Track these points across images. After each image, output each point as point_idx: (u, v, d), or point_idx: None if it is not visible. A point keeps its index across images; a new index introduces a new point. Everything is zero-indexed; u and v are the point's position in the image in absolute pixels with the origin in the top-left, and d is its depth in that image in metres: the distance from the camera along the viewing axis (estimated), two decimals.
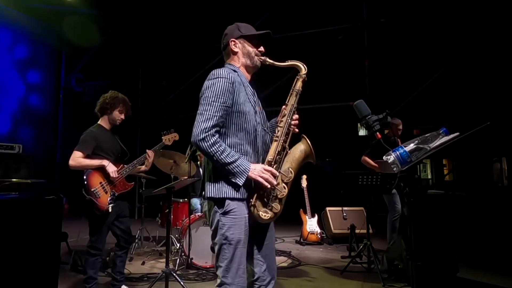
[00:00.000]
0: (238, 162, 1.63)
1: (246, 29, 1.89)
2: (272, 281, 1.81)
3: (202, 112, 1.67)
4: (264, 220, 1.67)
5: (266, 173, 1.65)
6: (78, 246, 4.37)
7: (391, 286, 3.35)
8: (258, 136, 1.78)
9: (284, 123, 1.79)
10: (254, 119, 1.77)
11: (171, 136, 3.33)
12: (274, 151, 1.73)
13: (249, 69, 1.90)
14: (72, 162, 2.80)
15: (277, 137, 1.76)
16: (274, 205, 1.68)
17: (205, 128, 1.63)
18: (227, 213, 1.67)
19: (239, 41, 1.87)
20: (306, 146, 1.80)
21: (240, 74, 1.84)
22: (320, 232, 5.54)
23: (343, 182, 4.02)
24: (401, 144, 1.91)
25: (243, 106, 1.74)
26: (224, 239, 1.65)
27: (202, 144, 1.62)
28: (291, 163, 1.75)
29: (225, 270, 1.65)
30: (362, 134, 6.94)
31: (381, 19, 7.26)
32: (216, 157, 1.62)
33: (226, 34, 1.92)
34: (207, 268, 3.84)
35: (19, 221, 2.29)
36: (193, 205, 4.59)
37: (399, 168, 1.73)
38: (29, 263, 2.30)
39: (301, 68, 1.87)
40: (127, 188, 3.03)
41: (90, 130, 2.96)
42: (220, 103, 1.67)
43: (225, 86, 1.69)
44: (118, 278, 3.02)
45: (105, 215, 2.80)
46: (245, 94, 1.78)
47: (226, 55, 1.94)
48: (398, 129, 4.45)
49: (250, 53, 1.87)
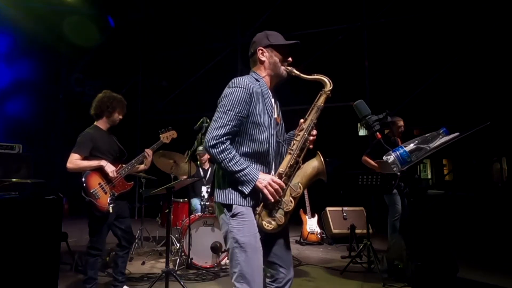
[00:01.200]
0: (246, 171, 1.64)
1: (275, 38, 1.86)
2: (290, 281, 1.80)
3: (217, 119, 1.69)
4: (267, 230, 1.68)
5: (273, 185, 1.65)
6: (78, 247, 4.38)
7: (391, 286, 3.34)
8: (271, 147, 1.77)
9: (300, 138, 1.78)
10: (268, 131, 1.76)
11: (169, 134, 3.32)
12: (287, 164, 1.74)
13: (274, 78, 1.88)
14: (69, 165, 2.79)
15: (291, 150, 1.76)
16: (278, 216, 1.68)
17: (216, 135, 1.65)
18: (236, 215, 1.67)
19: (267, 50, 1.85)
20: (319, 164, 1.78)
21: (262, 84, 1.82)
22: (320, 232, 5.54)
23: (343, 182, 4.02)
24: (401, 144, 1.91)
25: (259, 117, 1.73)
26: (235, 242, 1.65)
27: (212, 150, 1.65)
28: (301, 178, 1.75)
29: (239, 275, 1.61)
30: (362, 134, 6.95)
31: (381, 19, 7.26)
32: (225, 164, 1.64)
33: (255, 42, 1.89)
34: (207, 268, 3.84)
35: (19, 221, 2.29)
36: (193, 206, 4.59)
37: (399, 168, 1.72)
38: (29, 263, 2.30)
39: (327, 84, 1.83)
40: (126, 188, 3.02)
41: (87, 131, 2.94)
42: (235, 113, 1.67)
43: (243, 96, 1.69)
44: (120, 279, 3.01)
45: (105, 215, 2.80)
46: (263, 105, 1.76)
47: (252, 62, 1.91)
48: (399, 126, 4.43)
49: (277, 63, 1.84)
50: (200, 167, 4.99)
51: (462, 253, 4.50)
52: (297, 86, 1.98)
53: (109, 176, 2.86)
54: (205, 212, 4.16)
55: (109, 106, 2.99)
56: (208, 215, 4.06)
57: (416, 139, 1.73)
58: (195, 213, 4.33)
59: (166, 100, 9.26)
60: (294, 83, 1.99)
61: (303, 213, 5.64)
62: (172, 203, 3.91)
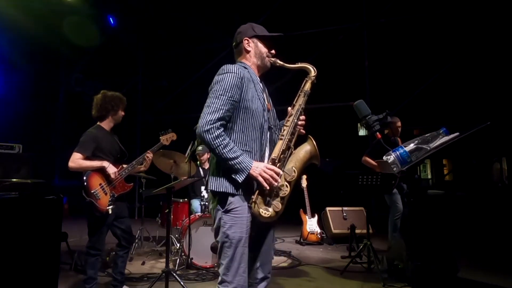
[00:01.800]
0: (240, 158, 1.63)
1: (260, 30, 1.92)
2: (265, 280, 1.81)
3: (209, 104, 1.68)
4: (264, 218, 1.65)
5: (268, 171, 1.63)
6: (78, 247, 4.38)
7: (391, 286, 3.34)
8: (264, 133, 1.78)
9: (290, 123, 1.79)
10: (261, 116, 1.77)
11: (169, 136, 3.33)
12: (279, 149, 1.73)
13: (259, 69, 1.93)
14: (71, 164, 2.79)
15: (282, 136, 1.77)
16: (275, 203, 1.66)
17: (210, 120, 1.64)
18: (229, 211, 1.67)
19: (252, 40, 1.90)
20: (311, 147, 1.79)
21: (251, 71, 1.86)
22: (320, 232, 5.54)
23: (343, 182, 4.02)
24: (401, 144, 1.91)
25: (251, 102, 1.75)
26: (225, 237, 1.66)
27: (206, 135, 1.63)
28: (295, 163, 1.74)
29: (226, 268, 1.66)
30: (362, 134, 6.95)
31: (381, 19, 7.26)
32: (219, 150, 1.62)
33: (240, 32, 1.94)
34: (207, 268, 3.84)
35: (19, 221, 2.28)
36: (193, 206, 4.59)
37: (399, 168, 1.72)
38: (29, 263, 2.29)
39: (311, 70, 1.89)
40: (126, 189, 3.03)
41: (90, 131, 2.94)
42: (227, 97, 1.68)
43: (234, 81, 1.70)
44: (119, 279, 3.02)
45: (104, 216, 2.80)
46: (254, 90, 1.78)
47: (237, 53, 1.96)
48: (397, 126, 4.44)
49: (262, 54, 1.90)
50: (200, 167, 4.98)
51: (462, 253, 4.50)
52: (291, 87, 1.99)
53: (110, 177, 2.86)
54: (205, 212, 4.16)
55: (114, 106, 3.01)
56: (208, 215, 4.06)
57: (416, 139, 1.74)
58: (195, 213, 4.33)
59: (166, 100, 9.26)
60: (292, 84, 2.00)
61: (303, 213, 5.64)
62: (172, 203, 3.92)
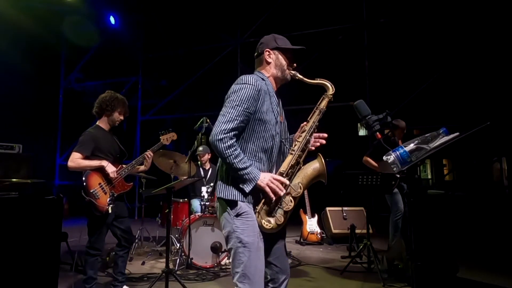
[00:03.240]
0: (248, 169, 1.65)
1: (282, 42, 1.91)
2: (286, 280, 1.81)
3: (225, 113, 1.69)
4: (266, 229, 1.67)
5: (274, 182, 1.66)
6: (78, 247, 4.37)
7: (391, 286, 3.34)
8: (275, 146, 1.79)
9: (302, 139, 1.80)
10: (273, 129, 1.78)
11: (169, 135, 3.33)
12: (288, 163, 1.75)
13: (278, 80, 1.92)
14: (71, 163, 2.80)
15: (293, 150, 1.78)
16: (278, 216, 1.68)
17: (225, 129, 1.65)
18: (240, 215, 1.67)
19: (273, 52, 1.89)
20: (320, 165, 1.79)
21: (268, 83, 1.86)
22: (320, 232, 5.54)
23: (343, 182, 4.01)
24: (401, 144, 1.91)
25: (265, 114, 1.75)
26: (239, 242, 1.64)
27: (219, 144, 1.64)
28: (302, 179, 1.76)
29: (242, 275, 1.62)
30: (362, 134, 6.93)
31: (381, 19, 7.26)
32: (230, 160, 1.64)
33: (262, 43, 1.93)
34: (207, 268, 3.84)
35: (19, 221, 2.28)
36: (193, 206, 4.59)
37: (399, 168, 1.72)
38: (29, 263, 2.30)
39: (329, 88, 1.88)
40: (126, 189, 3.02)
41: (89, 131, 2.95)
42: (243, 108, 1.69)
43: (251, 93, 1.71)
44: (120, 279, 3.02)
45: (104, 215, 2.80)
46: (270, 103, 1.79)
47: (258, 63, 1.95)
48: (403, 132, 4.42)
49: (283, 66, 1.89)
50: (200, 167, 4.99)
51: (462, 253, 4.50)
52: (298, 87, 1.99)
53: (110, 176, 2.87)
54: (205, 212, 4.16)
55: (108, 105, 2.99)
56: (208, 215, 4.06)
57: (416, 139, 1.74)
58: (195, 213, 4.33)
59: (166, 100, 9.26)
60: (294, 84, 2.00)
61: (303, 213, 5.64)
62: (172, 203, 3.92)
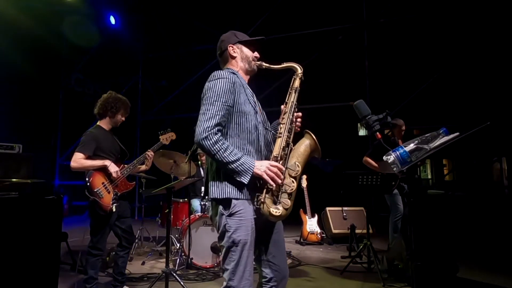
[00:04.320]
0: (242, 160, 1.63)
1: (242, 36, 1.97)
2: (284, 280, 1.82)
3: (205, 111, 1.69)
4: (275, 217, 1.64)
5: (272, 169, 1.63)
6: (78, 247, 4.37)
7: (391, 286, 3.35)
8: (260, 135, 1.79)
9: (286, 120, 1.79)
10: (255, 119, 1.79)
11: (168, 135, 3.34)
12: (279, 147, 1.73)
13: (247, 72, 1.96)
14: (74, 164, 2.80)
15: (280, 133, 1.77)
16: (284, 200, 1.65)
17: (207, 127, 1.64)
18: (233, 214, 1.66)
19: (236, 46, 1.94)
20: (311, 141, 1.79)
21: (240, 76, 1.88)
22: (320, 232, 5.54)
23: (343, 182, 4.01)
24: (401, 144, 1.91)
25: (244, 106, 1.76)
26: (231, 242, 1.65)
27: (205, 142, 1.63)
28: (297, 158, 1.75)
29: (231, 273, 1.64)
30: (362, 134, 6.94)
31: (381, 19, 7.26)
32: (219, 155, 1.62)
33: (223, 40, 1.97)
34: (207, 268, 3.84)
35: (19, 221, 2.29)
36: (193, 206, 4.59)
37: (399, 168, 1.72)
38: (29, 263, 2.30)
39: (297, 68, 1.92)
40: (128, 188, 3.04)
41: (90, 131, 2.96)
42: (221, 102, 1.69)
43: (227, 86, 1.72)
44: (120, 279, 3.02)
45: (108, 215, 2.81)
46: (245, 94, 1.81)
47: (223, 61, 1.98)
48: (402, 130, 4.41)
49: (248, 58, 1.94)
50: (200, 167, 4.99)
51: (462, 253, 4.50)
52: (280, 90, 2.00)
53: (112, 176, 2.87)
54: (205, 212, 4.16)
55: (113, 107, 3.01)
56: (208, 215, 4.06)
57: (416, 139, 1.74)
58: (195, 213, 4.33)
59: (166, 100, 9.26)
60: None
61: (303, 213, 5.64)
62: (172, 203, 3.92)
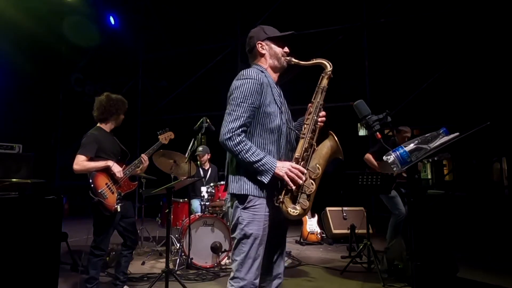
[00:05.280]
0: (264, 160, 1.65)
1: (271, 31, 1.93)
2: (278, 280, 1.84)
3: (231, 112, 1.70)
4: (293, 216, 1.67)
5: (293, 171, 1.65)
6: (78, 247, 4.38)
7: (391, 286, 3.35)
8: (283, 135, 1.80)
9: (310, 120, 1.79)
10: (279, 119, 1.78)
11: (167, 135, 3.35)
12: (301, 148, 1.74)
13: (276, 69, 1.93)
14: (76, 167, 2.80)
15: (303, 134, 1.77)
16: (302, 201, 1.68)
17: (232, 128, 1.66)
18: (248, 208, 1.69)
19: (265, 43, 1.91)
20: (333, 143, 1.79)
21: (268, 75, 1.87)
22: (320, 232, 5.54)
23: (343, 182, 4.02)
24: None
25: (269, 107, 1.76)
26: (242, 234, 1.68)
27: (228, 143, 1.66)
28: (318, 160, 1.76)
29: (239, 264, 1.68)
30: (362, 134, 6.93)
31: (381, 19, 7.26)
32: (242, 155, 1.65)
33: (252, 36, 1.94)
34: (207, 268, 3.84)
35: (19, 221, 2.29)
36: (193, 206, 4.59)
37: (399, 168, 1.73)
38: (29, 263, 2.30)
39: (326, 66, 1.89)
40: (131, 188, 3.05)
41: (91, 133, 2.96)
42: (248, 104, 1.70)
43: (254, 87, 1.72)
44: (121, 278, 3.02)
45: (112, 215, 2.81)
46: (271, 94, 1.80)
47: (252, 57, 1.96)
48: (405, 136, 4.39)
49: (277, 54, 1.91)
50: (200, 167, 4.99)
51: (462, 253, 4.49)
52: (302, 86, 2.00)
53: (116, 176, 2.88)
54: (205, 212, 4.16)
55: (118, 109, 3.04)
56: (208, 215, 4.06)
57: (416, 139, 1.74)
58: (195, 213, 4.33)
59: (166, 100, 9.26)
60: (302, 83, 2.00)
61: None
62: (172, 203, 3.92)
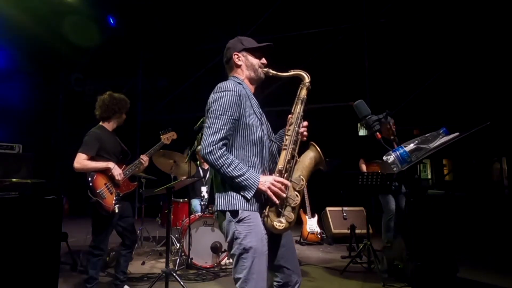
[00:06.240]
0: (246, 175, 1.61)
1: (248, 42, 1.91)
2: (299, 282, 1.79)
3: (210, 125, 1.66)
4: (278, 230, 1.64)
5: (276, 184, 1.62)
6: (78, 247, 4.37)
7: (391, 286, 3.35)
8: (265, 147, 1.77)
9: (291, 131, 1.77)
10: (260, 130, 1.75)
11: (170, 135, 3.35)
12: (284, 159, 1.71)
13: (253, 81, 1.90)
14: (77, 165, 2.79)
15: (285, 145, 1.75)
16: (287, 214, 1.65)
17: (212, 141, 1.62)
18: (242, 220, 1.63)
19: (242, 54, 1.89)
20: (315, 153, 1.77)
21: (245, 86, 1.84)
22: (320, 232, 5.54)
23: (343, 182, 4.01)
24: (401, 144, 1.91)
25: (249, 118, 1.73)
26: (242, 249, 1.61)
27: (210, 157, 1.62)
28: (302, 171, 1.73)
29: (243, 281, 1.59)
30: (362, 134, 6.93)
31: (381, 19, 7.26)
32: (223, 169, 1.61)
33: (229, 48, 1.92)
34: (207, 268, 3.84)
35: (19, 221, 2.29)
36: (193, 206, 4.59)
37: (399, 168, 1.72)
38: (29, 263, 2.30)
39: (304, 77, 1.86)
40: (131, 188, 3.04)
41: (93, 131, 2.94)
42: (227, 116, 1.66)
43: (233, 99, 1.68)
44: (121, 278, 3.02)
45: (110, 216, 2.81)
46: (251, 106, 1.77)
47: (229, 68, 1.93)
48: (388, 128, 4.33)
49: (254, 65, 1.88)
50: (200, 167, 4.98)
51: (462, 253, 4.50)
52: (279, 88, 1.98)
53: (116, 179, 2.87)
54: (205, 212, 4.16)
55: (120, 108, 3.03)
56: (208, 215, 4.06)
57: (416, 139, 1.74)
58: (195, 213, 4.33)
59: (166, 100, 9.26)
60: None
61: (303, 213, 5.64)
62: (172, 203, 3.92)
